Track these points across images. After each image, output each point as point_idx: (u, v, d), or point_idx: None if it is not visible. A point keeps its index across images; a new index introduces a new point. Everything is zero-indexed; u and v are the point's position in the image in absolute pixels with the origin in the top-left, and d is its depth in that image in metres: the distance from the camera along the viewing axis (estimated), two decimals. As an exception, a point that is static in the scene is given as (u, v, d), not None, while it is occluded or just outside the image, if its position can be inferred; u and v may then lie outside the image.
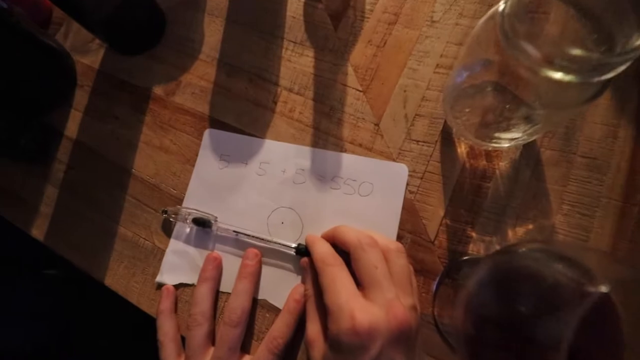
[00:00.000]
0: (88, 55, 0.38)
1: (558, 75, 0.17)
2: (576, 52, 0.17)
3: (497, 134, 0.26)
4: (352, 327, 0.19)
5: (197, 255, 0.29)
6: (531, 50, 0.17)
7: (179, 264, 0.30)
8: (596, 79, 0.17)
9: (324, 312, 0.24)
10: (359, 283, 0.22)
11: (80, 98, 0.37)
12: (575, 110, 0.23)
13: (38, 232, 0.33)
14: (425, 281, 0.27)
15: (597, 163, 0.27)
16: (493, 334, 0.16)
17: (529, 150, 0.28)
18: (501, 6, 0.18)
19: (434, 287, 0.27)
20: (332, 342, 0.20)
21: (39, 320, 0.46)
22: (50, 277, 0.49)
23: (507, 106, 0.25)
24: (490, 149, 0.28)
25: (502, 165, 0.28)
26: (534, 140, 0.28)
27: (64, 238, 0.33)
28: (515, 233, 0.27)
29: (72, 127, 0.36)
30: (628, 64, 0.16)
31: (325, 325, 0.23)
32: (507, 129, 0.26)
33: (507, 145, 0.27)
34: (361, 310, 0.20)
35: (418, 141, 0.29)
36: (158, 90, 0.35)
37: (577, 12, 0.18)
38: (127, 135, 0.34)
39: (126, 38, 0.36)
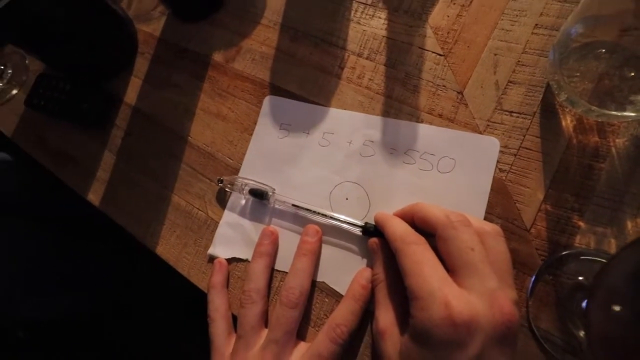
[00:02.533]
0: (150, 23, 0.37)
1: None
2: None
3: (618, 101, 0.21)
4: (449, 316, 0.16)
5: (252, 229, 0.27)
6: None
7: (232, 237, 0.28)
8: None
9: (398, 299, 0.20)
10: (447, 269, 0.19)
11: (141, 65, 0.36)
12: None
13: (94, 196, 0.33)
14: (519, 276, 0.22)
15: None
16: None
17: (657, 125, 0.23)
18: None
19: (530, 284, 0.22)
20: (418, 333, 0.17)
21: (93, 288, 0.47)
22: (103, 248, 0.50)
23: (629, 69, 0.20)
24: (605, 120, 0.23)
25: (620, 142, 0.23)
26: (667, 113, 0.22)
27: (118, 204, 0.32)
28: (637, 225, 0.22)
29: (131, 94, 0.35)
30: None
31: (400, 314, 0.20)
32: (629, 96, 0.21)
33: (632, 115, 0.22)
34: (458, 298, 0.16)
35: (512, 112, 0.25)
36: (218, 56, 0.33)
37: None
38: (184, 102, 0.33)
39: (188, 4, 0.35)
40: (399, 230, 0.20)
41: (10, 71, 0.43)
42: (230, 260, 0.27)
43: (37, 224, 0.42)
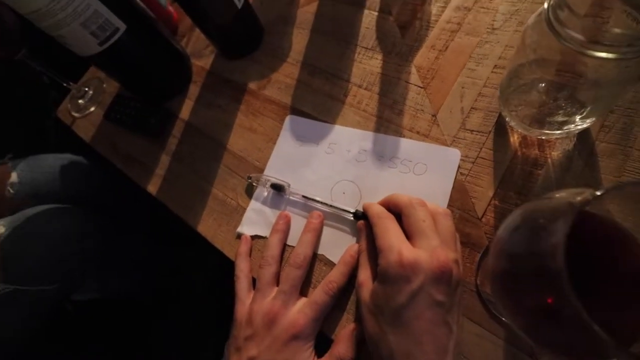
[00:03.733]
0: (202, 58, 0.48)
1: (602, 54, 0.20)
2: (616, 30, 0.20)
3: (550, 123, 0.28)
4: (399, 260, 0.23)
5: (271, 214, 0.36)
6: (575, 34, 0.20)
7: (256, 219, 0.36)
8: (636, 55, 0.19)
9: (373, 263, 0.28)
10: (408, 237, 0.26)
11: (193, 90, 0.47)
12: (622, 89, 0.25)
13: (152, 188, 0.43)
14: (471, 253, 0.29)
15: (658, 157, 0.27)
16: (518, 266, 0.19)
17: (582, 142, 0.29)
18: (546, 4, 0.22)
19: (479, 258, 0.29)
20: (381, 275, 0.24)
21: (144, 272, 0.56)
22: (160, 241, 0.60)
23: (559, 95, 0.27)
24: (544, 137, 0.30)
25: (555, 154, 0.30)
26: (589, 133, 0.29)
27: (170, 194, 0.41)
28: (566, 219, 0.28)
29: (185, 112, 0.46)
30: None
31: (374, 272, 0.27)
32: (559, 116, 0.28)
33: (560, 132, 0.29)
34: (408, 250, 0.24)
35: (472, 131, 0.33)
36: (252, 85, 0.43)
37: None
38: (225, 119, 0.43)
39: (233, 45, 0.45)
40: (376, 209, 0.28)
41: (90, 92, 0.55)
42: (253, 237, 0.35)
43: (103, 215, 0.52)
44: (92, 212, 0.50)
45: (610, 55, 0.20)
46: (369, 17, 0.41)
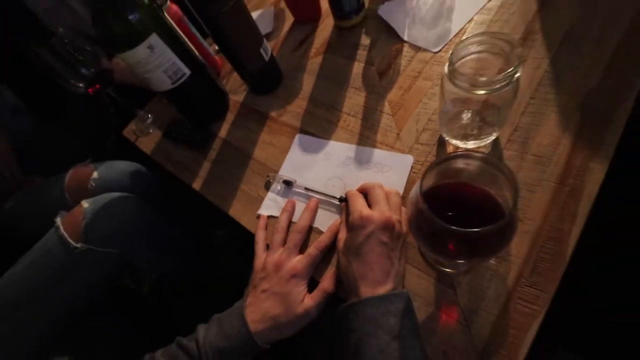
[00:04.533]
0: (237, 94, 0.66)
1: (481, 92, 0.35)
2: (483, 78, 0.35)
3: (472, 136, 0.43)
4: (359, 215, 0.37)
5: (282, 201, 0.50)
6: (463, 83, 0.35)
7: (271, 205, 0.50)
8: (499, 90, 0.34)
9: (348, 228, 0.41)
10: (369, 207, 0.39)
11: (230, 116, 0.64)
12: (507, 110, 0.39)
13: (196, 185, 0.58)
14: (417, 224, 0.42)
15: (542, 160, 0.41)
16: (416, 216, 0.32)
17: (495, 150, 0.43)
18: (445, 68, 0.37)
19: (422, 227, 0.42)
20: (349, 226, 0.38)
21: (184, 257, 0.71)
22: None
23: (474, 118, 0.42)
24: (469, 147, 0.44)
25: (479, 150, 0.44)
26: (499, 144, 0.43)
27: (210, 189, 0.57)
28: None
29: (223, 132, 0.62)
30: (507, 82, 0.33)
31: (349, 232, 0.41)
32: (476, 132, 0.42)
33: (479, 142, 0.43)
34: (366, 210, 0.37)
35: (423, 144, 0.47)
36: (273, 113, 0.60)
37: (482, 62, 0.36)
38: (252, 137, 0.59)
39: (260, 85, 0.63)
40: (352, 191, 0.42)
41: (151, 117, 0.73)
42: (269, 217, 0.50)
43: (154, 204, 0.68)
44: (146, 201, 0.66)
45: (482, 92, 0.35)
46: (357, 67, 0.58)
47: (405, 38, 0.57)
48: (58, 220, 0.55)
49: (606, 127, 0.40)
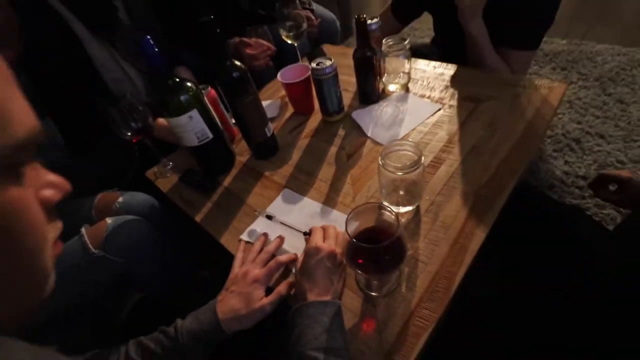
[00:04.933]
0: (242, 156, 0.86)
1: (399, 173, 0.55)
2: (398, 165, 0.55)
3: (402, 204, 0.62)
4: (314, 245, 0.53)
5: (259, 233, 0.66)
6: (392, 169, 0.56)
7: (251, 234, 0.66)
8: (410, 172, 0.54)
9: (308, 256, 0.57)
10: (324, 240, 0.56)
11: (234, 171, 0.83)
12: (420, 186, 0.59)
13: (198, 218, 0.74)
14: (357, 261, 0.58)
15: (446, 225, 0.59)
16: (352, 249, 0.49)
17: (416, 215, 0.62)
18: (379, 158, 0.58)
19: (360, 263, 0.58)
20: (306, 253, 0.54)
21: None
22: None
23: (401, 192, 0.61)
24: (401, 211, 0.63)
25: (403, 219, 0.62)
26: (419, 212, 0.62)
27: (209, 222, 0.73)
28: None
29: (227, 182, 0.81)
30: (415, 167, 0.53)
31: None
32: (404, 202, 0.61)
33: (406, 209, 0.61)
34: (320, 241, 0.54)
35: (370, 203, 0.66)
36: (267, 173, 0.80)
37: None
38: (248, 188, 0.77)
39: (261, 153, 0.84)
40: (316, 227, 0.59)
41: (171, 164, 0.92)
42: (247, 242, 0.65)
43: (164, 230, 0.83)
44: (155, 227, 0.81)
45: (400, 173, 0.55)
46: (333, 150, 0.80)
47: (369, 134, 0.81)
48: (83, 230, 0.69)
49: (489, 209, 0.60)
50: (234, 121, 0.89)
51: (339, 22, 1.60)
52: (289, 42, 1.01)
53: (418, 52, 1.31)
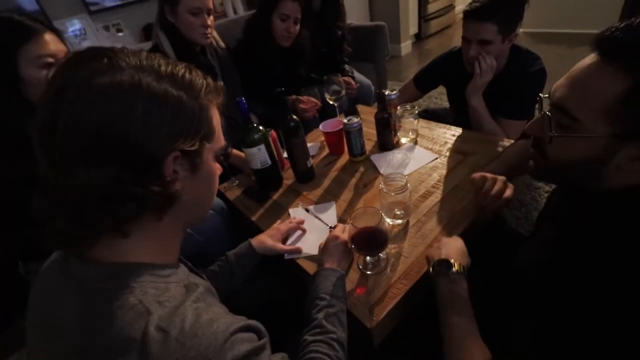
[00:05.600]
0: (288, 180, 1.19)
1: (392, 194, 0.84)
2: (392, 189, 0.84)
3: (395, 219, 0.89)
4: (335, 234, 0.82)
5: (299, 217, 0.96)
6: (387, 190, 0.85)
7: (296, 213, 0.96)
8: (402, 193, 0.83)
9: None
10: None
11: (281, 190, 1.15)
12: (408, 205, 0.86)
13: (254, 218, 1.06)
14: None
15: (423, 236, 0.85)
16: (356, 239, 0.77)
17: (405, 227, 0.88)
18: (380, 184, 0.87)
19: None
20: (328, 239, 0.82)
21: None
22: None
23: (395, 209, 0.89)
24: (396, 223, 0.90)
25: (397, 229, 0.89)
26: (408, 224, 0.89)
27: (261, 222, 1.04)
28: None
29: (275, 196, 1.13)
30: (403, 190, 0.82)
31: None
32: (398, 217, 0.89)
33: (400, 222, 0.89)
34: (339, 233, 0.82)
35: (374, 219, 0.94)
36: (304, 192, 1.11)
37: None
38: (290, 202, 1.09)
39: (302, 178, 1.16)
40: (339, 225, 0.88)
41: (237, 181, 1.27)
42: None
43: (230, 227, 1.15)
44: (225, 222, 1.14)
45: (393, 194, 0.83)
46: (354, 181, 1.10)
47: (381, 172, 1.11)
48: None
49: (455, 228, 0.85)
50: (285, 155, 1.23)
51: (375, 87, 1.99)
52: (331, 103, 1.38)
53: (436, 114, 1.64)
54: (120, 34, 2.24)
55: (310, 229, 0.96)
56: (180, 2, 1.27)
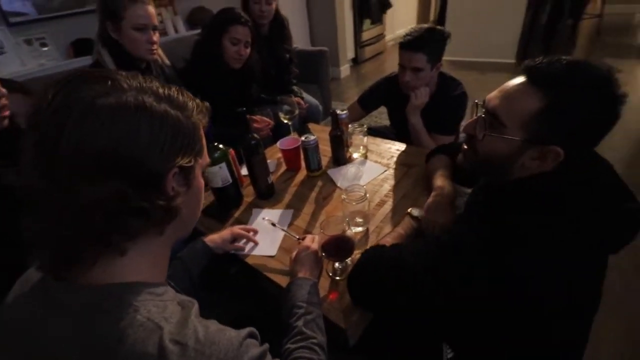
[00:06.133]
0: (248, 197, 1.21)
1: (354, 203, 0.91)
2: (354, 199, 0.92)
3: (358, 226, 0.97)
4: (306, 245, 0.86)
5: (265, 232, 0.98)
6: (349, 200, 0.92)
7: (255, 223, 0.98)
8: (361, 203, 0.91)
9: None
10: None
11: (242, 207, 1.16)
12: (367, 215, 0.95)
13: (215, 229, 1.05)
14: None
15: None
16: (327, 245, 0.82)
17: (366, 234, 0.97)
18: (342, 195, 0.95)
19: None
20: (299, 249, 0.86)
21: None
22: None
23: (356, 218, 0.97)
24: (357, 230, 0.97)
25: (359, 235, 0.96)
26: (368, 231, 0.97)
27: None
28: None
29: (237, 213, 1.14)
30: (363, 200, 0.90)
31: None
32: (359, 225, 0.97)
33: (361, 229, 0.96)
34: (309, 244, 0.87)
35: (337, 229, 1.00)
36: (267, 209, 1.14)
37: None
38: (249, 218, 1.10)
39: (263, 195, 1.19)
40: (308, 236, 0.92)
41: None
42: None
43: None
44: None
45: (354, 203, 0.91)
46: (313, 195, 1.16)
47: (338, 185, 1.19)
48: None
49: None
50: (244, 172, 1.25)
51: (322, 107, 2.11)
52: (285, 122, 1.44)
53: (379, 131, 1.80)
54: (44, 48, 2.04)
55: (263, 231, 1.01)
56: (124, 17, 1.24)
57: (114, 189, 0.38)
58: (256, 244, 0.98)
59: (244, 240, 0.98)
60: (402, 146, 1.40)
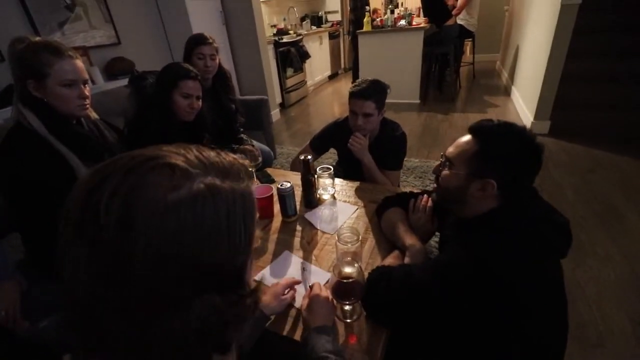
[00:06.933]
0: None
1: (347, 245, 0.96)
2: (347, 241, 0.97)
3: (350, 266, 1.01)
4: (316, 293, 0.86)
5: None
6: (344, 243, 0.97)
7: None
8: (354, 244, 0.96)
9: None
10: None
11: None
12: (360, 255, 1.00)
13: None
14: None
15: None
16: (339, 290, 0.84)
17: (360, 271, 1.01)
18: (336, 238, 1.00)
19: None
20: (311, 299, 0.86)
21: None
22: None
23: (349, 258, 1.02)
24: (348, 247, 1.01)
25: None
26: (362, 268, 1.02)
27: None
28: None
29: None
30: (356, 241, 0.95)
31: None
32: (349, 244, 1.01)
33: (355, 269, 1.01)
34: (319, 291, 0.87)
35: (329, 272, 1.03)
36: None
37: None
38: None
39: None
40: (316, 284, 0.91)
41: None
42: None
43: None
44: None
45: (347, 245, 0.96)
46: (296, 240, 1.18)
47: (318, 227, 1.23)
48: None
49: (398, 260, 1.04)
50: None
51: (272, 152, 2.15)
52: (250, 170, 1.44)
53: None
54: None
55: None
56: (49, 75, 1.10)
57: (211, 302, 0.32)
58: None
59: (288, 290, 0.94)
60: (358, 184, 1.52)
